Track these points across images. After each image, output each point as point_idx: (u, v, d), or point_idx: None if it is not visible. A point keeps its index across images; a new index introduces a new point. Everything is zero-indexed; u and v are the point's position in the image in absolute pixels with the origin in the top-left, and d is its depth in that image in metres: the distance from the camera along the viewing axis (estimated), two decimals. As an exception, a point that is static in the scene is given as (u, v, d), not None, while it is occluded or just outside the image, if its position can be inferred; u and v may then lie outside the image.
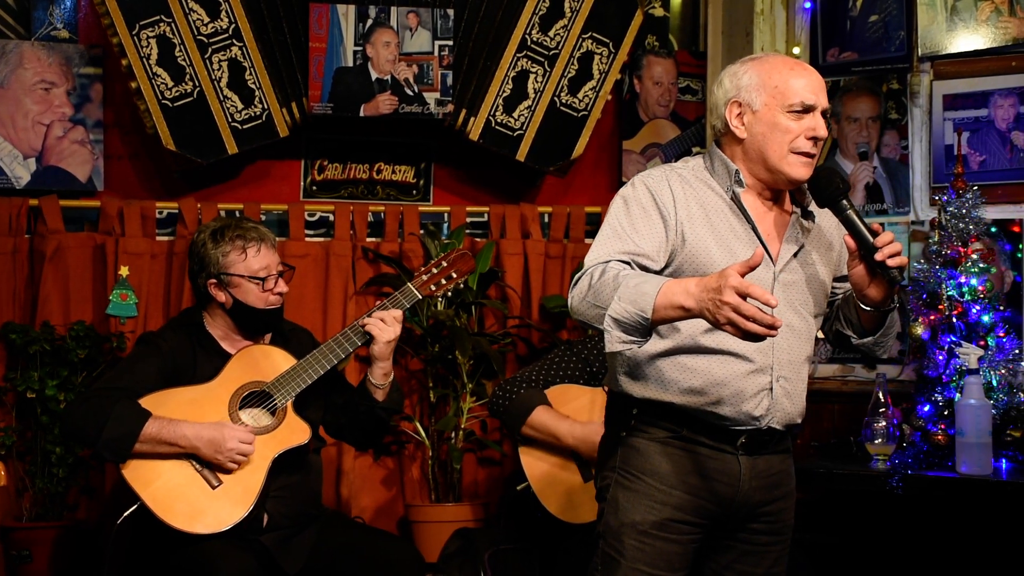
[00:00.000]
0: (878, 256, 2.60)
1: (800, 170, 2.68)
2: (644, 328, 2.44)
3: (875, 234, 2.63)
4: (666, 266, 2.65)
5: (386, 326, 3.59)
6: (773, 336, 2.34)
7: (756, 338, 2.33)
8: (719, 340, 2.62)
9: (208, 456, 3.41)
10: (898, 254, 2.60)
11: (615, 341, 2.47)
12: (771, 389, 2.67)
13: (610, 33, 4.83)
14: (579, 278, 2.59)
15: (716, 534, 2.76)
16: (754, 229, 2.69)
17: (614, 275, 2.50)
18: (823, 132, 2.67)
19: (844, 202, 2.66)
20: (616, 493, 2.73)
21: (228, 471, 3.43)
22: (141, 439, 3.37)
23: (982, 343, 3.87)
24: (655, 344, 2.65)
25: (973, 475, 3.56)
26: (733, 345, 2.60)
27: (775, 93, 2.67)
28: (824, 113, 2.69)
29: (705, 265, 2.63)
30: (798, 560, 3.52)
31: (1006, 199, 4.25)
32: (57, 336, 4.43)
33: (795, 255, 2.73)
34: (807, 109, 2.66)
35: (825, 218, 2.78)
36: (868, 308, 2.72)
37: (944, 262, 3.97)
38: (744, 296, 2.30)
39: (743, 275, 2.32)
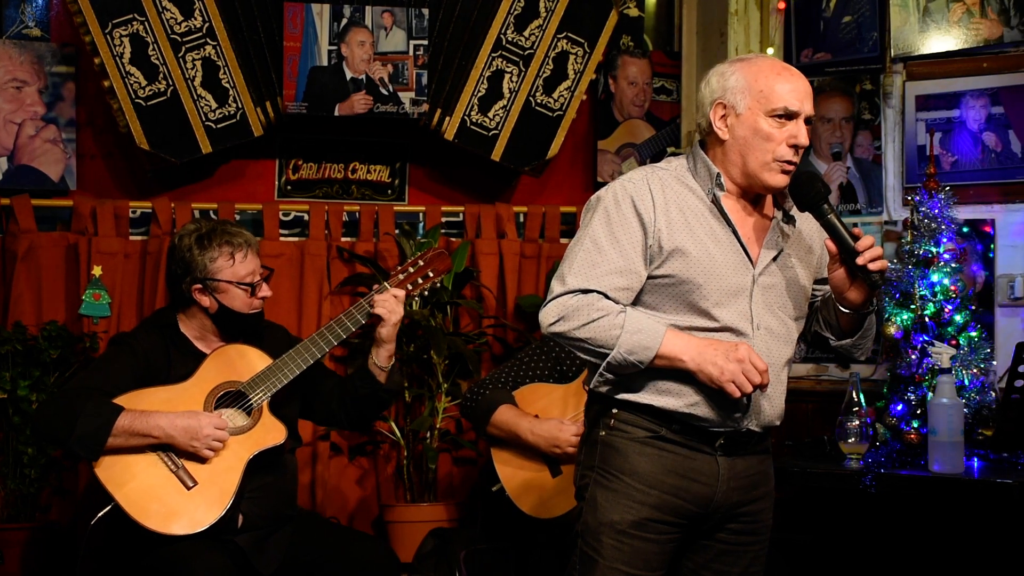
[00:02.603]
0: (859, 260, 2.61)
1: (778, 178, 2.68)
2: (633, 373, 2.64)
3: (856, 238, 2.64)
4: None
5: (396, 305, 3.62)
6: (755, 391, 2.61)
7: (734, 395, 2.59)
8: None
9: (184, 445, 3.39)
10: (879, 258, 2.62)
11: (601, 383, 2.70)
12: (750, 393, 2.67)
13: (585, 33, 4.84)
14: (560, 301, 2.63)
15: (694, 533, 2.76)
16: (735, 232, 2.70)
17: (610, 319, 2.60)
18: (804, 140, 2.67)
19: (825, 206, 2.67)
20: (595, 492, 2.73)
21: (205, 459, 3.40)
22: (114, 432, 3.34)
23: (954, 342, 3.90)
24: None
25: (945, 474, 3.58)
26: None
27: (760, 97, 2.66)
28: (808, 120, 2.68)
29: (682, 270, 2.64)
30: (772, 558, 3.53)
31: (978, 199, 4.28)
32: (29, 336, 4.40)
33: (775, 259, 2.74)
34: (790, 115, 2.66)
35: (806, 221, 2.79)
36: (847, 311, 2.74)
37: (917, 262, 3.99)
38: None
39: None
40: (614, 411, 2.73)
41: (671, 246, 2.65)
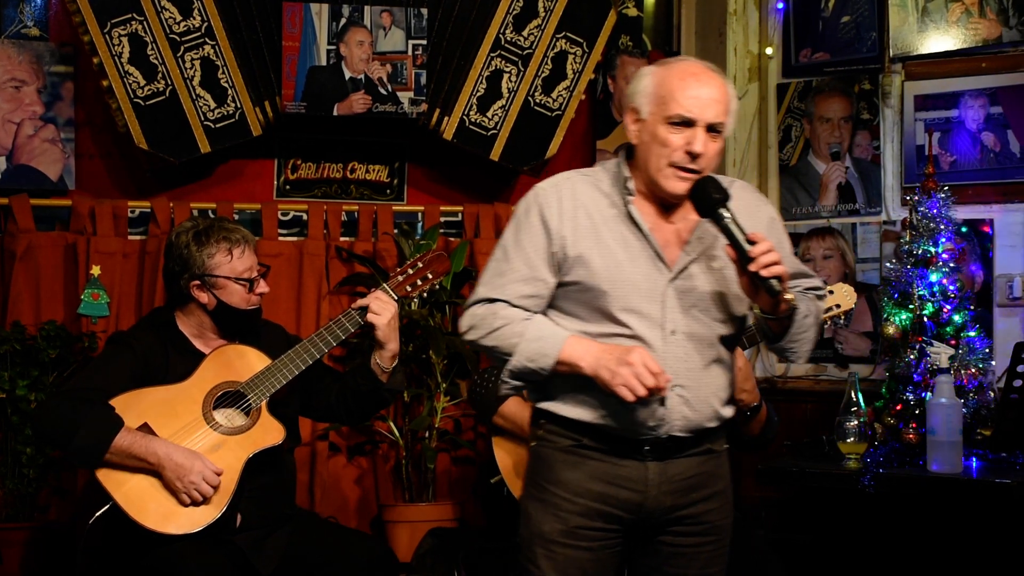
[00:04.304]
0: (751, 267, 2.53)
1: (676, 184, 2.63)
2: (538, 379, 2.65)
3: (752, 243, 2.55)
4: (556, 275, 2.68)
5: (383, 305, 3.59)
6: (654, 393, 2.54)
7: (639, 398, 2.53)
8: None
9: (169, 479, 3.36)
10: (775, 264, 2.53)
11: (506, 388, 2.71)
12: (664, 399, 2.62)
13: (584, 33, 4.84)
14: (470, 311, 2.71)
15: (638, 538, 2.73)
16: (647, 238, 2.66)
17: (511, 327, 2.64)
18: (699, 148, 2.60)
19: (722, 211, 2.58)
20: (527, 504, 2.73)
21: (182, 502, 3.37)
22: (111, 451, 3.34)
23: (953, 342, 3.90)
24: None
25: (944, 474, 3.58)
26: None
27: (660, 103, 2.62)
28: (714, 127, 2.62)
29: (587, 277, 2.63)
30: (770, 558, 3.54)
31: (976, 199, 4.29)
32: (28, 336, 4.39)
33: (694, 261, 2.68)
34: (687, 123, 2.60)
35: (741, 220, 2.66)
36: (765, 316, 2.67)
37: (915, 262, 4.00)
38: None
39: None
40: (541, 421, 2.73)
41: (576, 253, 2.64)
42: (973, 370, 3.87)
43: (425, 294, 3.78)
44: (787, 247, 2.79)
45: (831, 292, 3.63)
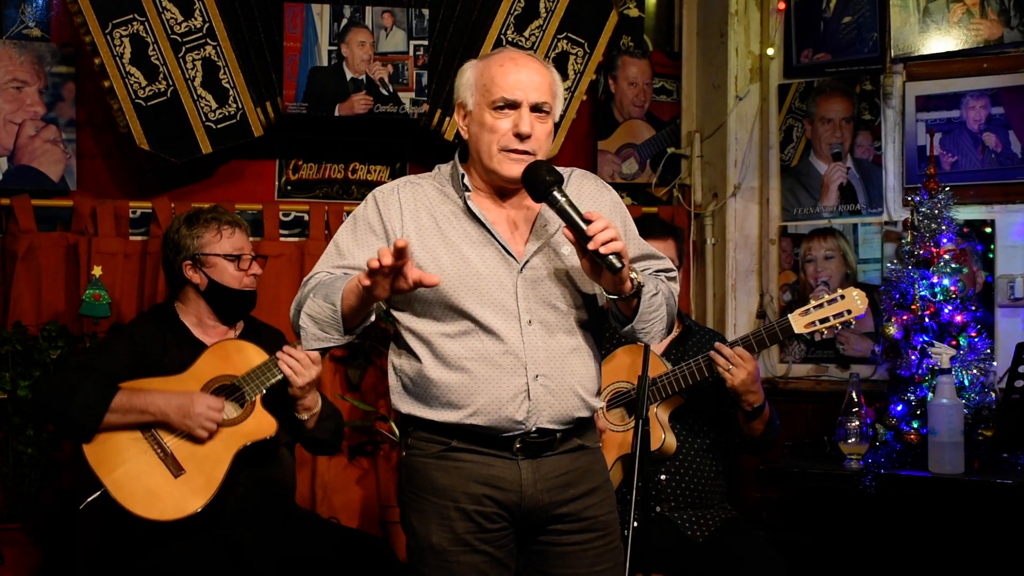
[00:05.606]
0: (590, 245, 2.49)
1: (509, 167, 2.64)
2: (336, 321, 2.57)
3: (588, 222, 2.51)
4: None
5: (302, 369, 3.53)
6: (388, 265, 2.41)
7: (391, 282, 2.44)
8: (469, 348, 2.60)
9: (177, 422, 3.41)
10: (613, 240, 2.49)
11: (310, 339, 2.62)
12: (528, 391, 2.61)
13: (585, 33, 4.84)
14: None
15: (524, 540, 2.70)
16: (491, 232, 2.66)
17: (316, 282, 2.62)
18: (526, 128, 2.61)
19: (556, 194, 2.56)
20: (408, 517, 2.70)
21: (198, 439, 3.42)
22: (112, 408, 3.38)
23: (954, 343, 3.90)
24: (408, 362, 2.66)
25: (945, 474, 3.58)
26: (482, 352, 2.59)
27: (483, 91, 2.65)
28: (539, 107, 2.64)
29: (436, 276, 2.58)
30: (772, 558, 3.53)
31: (978, 200, 4.29)
32: (29, 336, 4.39)
33: (540, 250, 2.67)
34: (511, 105, 2.63)
35: (583, 206, 2.64)
36: (613, 296, 2.63)
37: (917, 262, 4.00)
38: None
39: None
40: (410, 429, 2.70)
41: (421, 252, 2.63)
42: (974, 371, 3.87)
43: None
44: (632, 229, 2.79)
45: (842, 297, 3.61)
